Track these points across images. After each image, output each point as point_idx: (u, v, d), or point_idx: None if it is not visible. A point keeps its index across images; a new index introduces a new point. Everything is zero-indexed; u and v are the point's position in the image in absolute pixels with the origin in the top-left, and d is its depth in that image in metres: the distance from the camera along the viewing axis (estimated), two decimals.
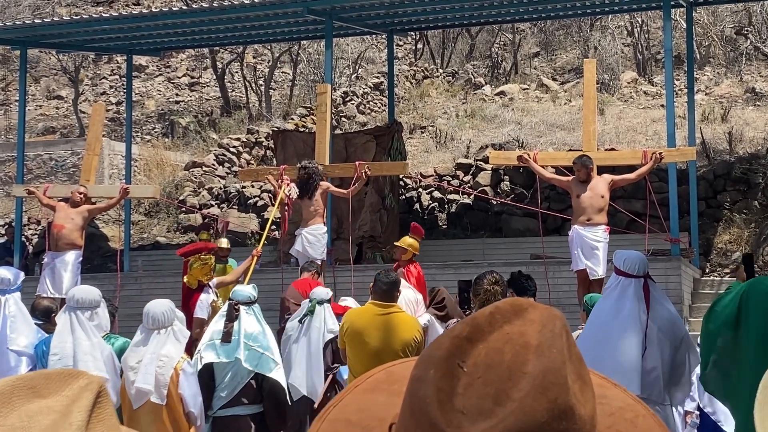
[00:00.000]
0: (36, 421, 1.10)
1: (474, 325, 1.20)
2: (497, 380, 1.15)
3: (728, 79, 25.11)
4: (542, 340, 1.17)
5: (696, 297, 14.81)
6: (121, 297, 14.21)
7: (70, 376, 1.14)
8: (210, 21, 17.49)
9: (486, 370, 1.16)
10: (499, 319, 1.20)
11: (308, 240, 13.09)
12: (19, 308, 7.55)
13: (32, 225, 21.61)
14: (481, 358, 1.17)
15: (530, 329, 1.18)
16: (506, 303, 1.23)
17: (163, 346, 6.50)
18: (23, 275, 8.10)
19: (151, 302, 6.82)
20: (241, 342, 7.27)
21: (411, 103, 26.59)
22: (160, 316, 6.57)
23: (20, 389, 1.13)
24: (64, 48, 20.80)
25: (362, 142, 17.65)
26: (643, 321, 6.00)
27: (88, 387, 1.13)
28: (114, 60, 32.72)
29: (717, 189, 17.81)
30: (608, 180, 12.66)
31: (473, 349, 1.18)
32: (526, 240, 17.10)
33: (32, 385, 1.13)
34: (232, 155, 23.43)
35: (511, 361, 1.16)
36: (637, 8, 19.39)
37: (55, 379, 1.13)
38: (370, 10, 17.03)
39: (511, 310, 1.21)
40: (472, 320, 1.21)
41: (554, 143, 21.06)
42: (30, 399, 1.12)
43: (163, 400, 6.41)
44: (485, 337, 1.18)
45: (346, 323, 7.17)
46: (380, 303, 7.06)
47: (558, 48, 31.49)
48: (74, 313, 6.92)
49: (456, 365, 1.17)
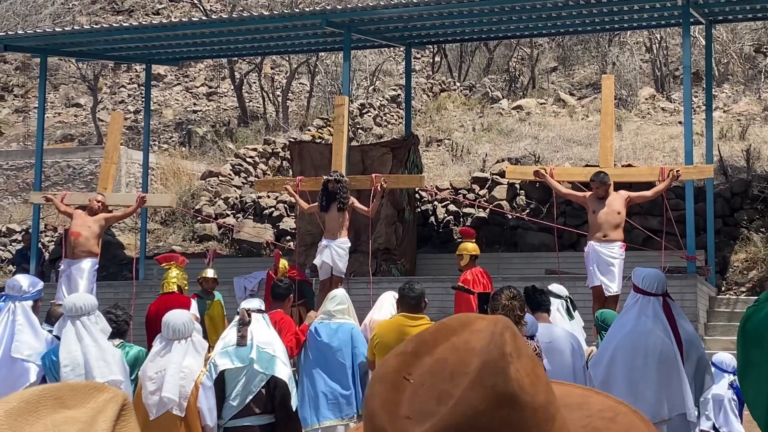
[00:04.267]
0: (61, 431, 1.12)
1: (420, 340, 1.28)
2: (440, 384, 1.22)
3: (746, 97, 25.05)
4: (484, 343, 1.23)
5: (711, 315, 14.75)
6: (136, 305, 14.25)
7: (95, 389, 1.15)
8: (229, 32, 17.57)
9: (431, 377, 1.23)
10: (445, 333, 1.27)
11: (338, 253, 13.10)
12: (26, 316, 7.51)
13: (49, 232, 21.72)
14: (427, 369, 1.24)
15: (475, 337, 1.25)
16: (454, 318, 1.30)
17: (184, 357, 6.52)
18: (42, 284, 8.07)
19: (170, 313, 6.85)
20: (254, 345, 7.36)
21: (428, 116, 26.62)
22: (181, 326, 6.60)
23: (47, 399, 1.15)
24: (83, 56, 20.95)
25: (379, 155, 17.66)
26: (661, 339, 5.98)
27: (113, 399, 1.15)
28: (133, 69, 32.90)
29: (734, 207, 17.75)
30: (625, 196, 12.63)
31: (419, 362, 1.25)
32: (541, 255, 17.06)
33: (58, 395, 1.15)
34: (249, 165, 23.50)
35: (454, 366, 1.22)
36: (656, 25, 19.35)
37: (81, 391, 1.15)
38: (388, 23, 17.09)
39: (459, 324, 1.28)
40: (417, 336, 1.29)
41: (571, 158, 21.04)
42: (56, 409, 1.14)
43: (183, 412, 6.42)
44: (431, 350, 1.26)
45: (377, 336, 7.38)
46: (409, 315, 7.25)
47: (576, 63, 31.49)
48: (78, 320, 6.90)
49: (402, 378, 1.24)
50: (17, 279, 7.81)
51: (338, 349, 8.46)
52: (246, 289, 15.49)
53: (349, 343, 8.49)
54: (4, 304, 7.59)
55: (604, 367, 6.16)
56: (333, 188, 13.26)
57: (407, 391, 1.23)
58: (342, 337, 8.54)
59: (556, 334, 7.34)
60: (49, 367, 7.01)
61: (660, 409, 5.89)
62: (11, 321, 7.45)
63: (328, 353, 8.51)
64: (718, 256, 16.49)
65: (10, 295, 7.61)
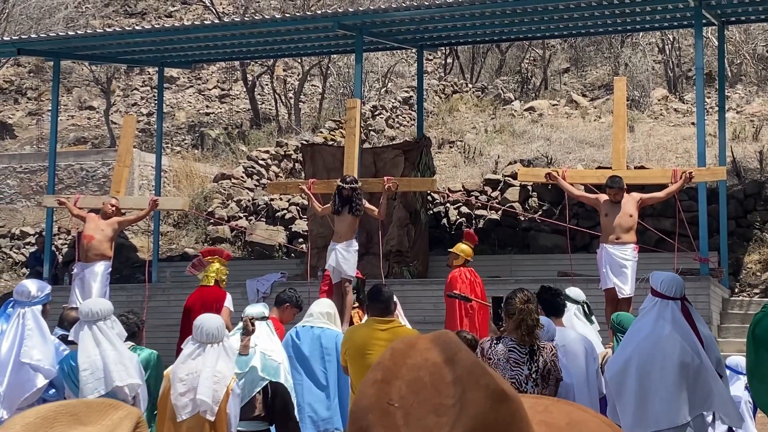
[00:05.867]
0: None
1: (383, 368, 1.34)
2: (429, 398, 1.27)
3: (760, 98, 24.96)
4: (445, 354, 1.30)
5: (725, 317, 14.70)
6: (149, 308, 14.29)
7: (110, 407, 1.17)
8: (241, 35, 17.59)
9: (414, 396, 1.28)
10: (401, 356, 1.34)
11: (344, 256, 13.08)
12: (36, 322, 7.53)
13: (62, 235, 21.79)
14: (404, 391, 1.29)
15: (430, 354, 1.32)
16: (398, 342, 1.38)
17: (217, 361, 6.55)
18: (49, 288, 8.09)
19: (202, 316, 6.90)
20: (258, 352, 7.37)
21: (440, 117, 26.61)
22: (214, 330, 6.63)
23: (63, 415, 1.16)
24: (96, 60, 21.02)
25: (391, 157, 17.66)
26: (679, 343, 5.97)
27: (128, 416, 1.16)
28: (145, 71, 33.00)
29: (747, 208, 17.69)
30: (637, 198, 12.61)
31: (392, 387, 1.30)
32: (553, 257, 17.03)
33: (74, 412, 1.16)
34: (261, 168, 23.54)
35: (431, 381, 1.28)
36: (668, 26, 19.30)
37: (96, 409, 1.16)
38: (400, 25, 17.09)
39: (406, 347, 1.35)
40: (378, 365, 1.35)
41: (583, 160, 21.01)
42: (71, 425, 1.15)
43: (214, 416, 6.44)
44: (397, 374, 1.32)
45: (347, 341, 7.28)
46: (379, 318, 7.17)
47: (588, 64, 31.44)
48: (94, 325, 6.94)
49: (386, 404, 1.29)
50: (25, 284, 7.83)
51: (320, 356, 8.25)
52: (258, 292, 15.52)
53: (333, 350, 8.24)
54: (13, 310, 7.61)
55: (619, 371, 6.15)
56: (347, 195, 13.22)
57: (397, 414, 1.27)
58: (326, 344, 8.32)
59: (569, 337, 7.33)
60: (67, 372, 7.03)
61: (678, 414, 5.87)
62: (21, 326, 7.48)
63: (309, 360, 8.30)
64: (731, 258, 16.44)
65: (20, 301, 7.63)
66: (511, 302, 6.22)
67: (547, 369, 6.17)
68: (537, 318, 6.24)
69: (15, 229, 22.93)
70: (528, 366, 6.12)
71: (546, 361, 6.17)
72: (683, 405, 5.89)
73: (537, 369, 6.13)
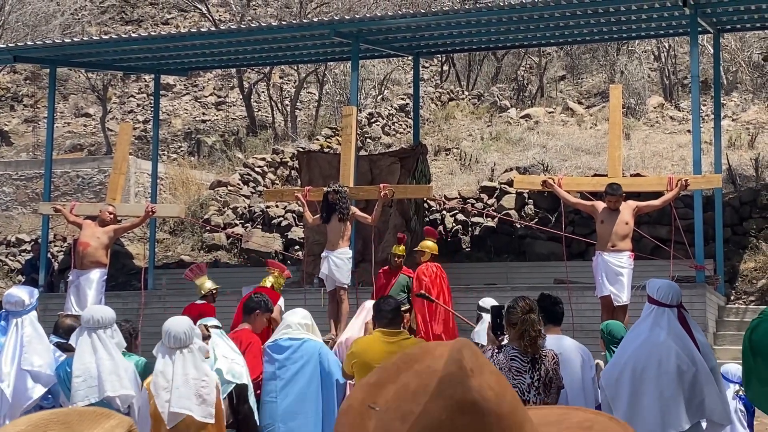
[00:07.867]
0: None
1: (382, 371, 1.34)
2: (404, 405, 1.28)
3: (755, 105, 25.01)
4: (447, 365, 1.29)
5: (721, 325, 14.71)
6: (145, 315, 14.27)
7: (102, 416, 1.16)
8: (237, 42, 17.61)
9: (395, 401, 1.29)
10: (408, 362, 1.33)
11: (336, 264, 13.09)
12: (34, 329, 7.46)
13: (58, 242, 21.77)
14: (391, 396, 1.30)
15: (437, 363, 1.31)
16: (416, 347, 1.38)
17: (192, 367, 6.45)
18: (37, 292, 7.99)
19: (169, 320, 6.65)
20: (219, 356, 7.26)
21: (436, 125, 26.63)
22: (182, 335, 6.50)
23: (54, 424, 1.15)
24: (92, 67, 21.02)
25: (387, 164, 17.67)
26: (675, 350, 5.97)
27: (119, 425, 1.16)
28: (142, 79, 32.99)
29: (743, 216, 17.71)
30: (633, 206, 12.60)
31: (382, 390, 1.31)
32: (549, 264, 17.03)
33: (66, 420, 1.16)
34: (257, 175, 23.54)
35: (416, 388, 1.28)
36: (664, 34, 19.35)
37: (88, 417, 1.15)
38: (396, 33, 17.11)
39: (421, 352, 1.35)
40: (380, 369, 1.36)
41: (579, 167, 21.03)
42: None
43: (212, 419, 6.38)
44: (395, 379, 1.32)
45: (354, 355, 7.09)
46: (387, 331, 7.04)
47: (584, 72, 31.49)
48: (94, 332, 6.87)
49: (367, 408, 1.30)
50: (15, 294, 7.59)
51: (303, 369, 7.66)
52: None
53: (317, 364, 7.68)
54: (8, 322, 7.52)
55: (614, 379, 6.14)
56: (332, 199, 13.27)
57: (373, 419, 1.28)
58: (307, 357, 7.69)
59: (565, 345, 7.31)
60: (63, 378, 6.98)
61: (673, 421, 5.87)
62: (21, 336, 7.42)
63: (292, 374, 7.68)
64: (727, 265, 16.46)
65: (14, 311, 7.53)
66: (513, 312, 6.16)
67: (548, 377, 6.15)
68: (540, 329, 6.18)
69: (11, 236, 22.90)
70: (530, 374, 6.10)
71: (548, 369, 6.15)
72: (679, 412, 5.88)
73: (539, 377, 6.10)
